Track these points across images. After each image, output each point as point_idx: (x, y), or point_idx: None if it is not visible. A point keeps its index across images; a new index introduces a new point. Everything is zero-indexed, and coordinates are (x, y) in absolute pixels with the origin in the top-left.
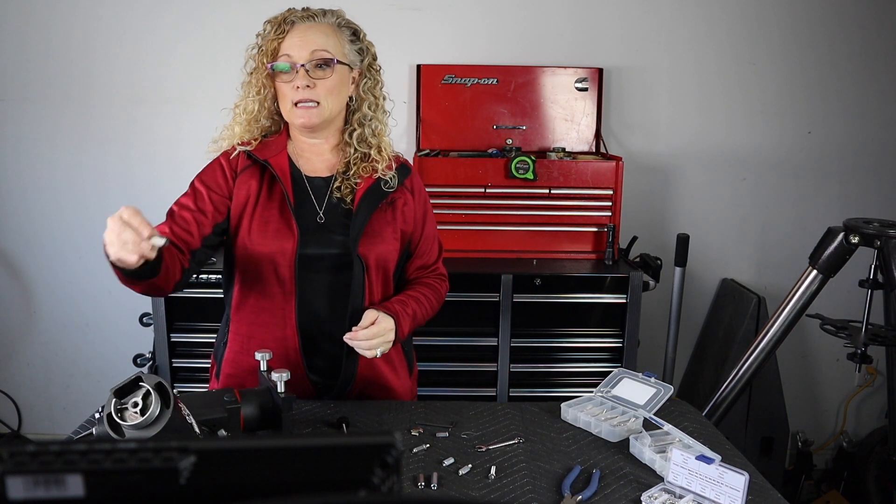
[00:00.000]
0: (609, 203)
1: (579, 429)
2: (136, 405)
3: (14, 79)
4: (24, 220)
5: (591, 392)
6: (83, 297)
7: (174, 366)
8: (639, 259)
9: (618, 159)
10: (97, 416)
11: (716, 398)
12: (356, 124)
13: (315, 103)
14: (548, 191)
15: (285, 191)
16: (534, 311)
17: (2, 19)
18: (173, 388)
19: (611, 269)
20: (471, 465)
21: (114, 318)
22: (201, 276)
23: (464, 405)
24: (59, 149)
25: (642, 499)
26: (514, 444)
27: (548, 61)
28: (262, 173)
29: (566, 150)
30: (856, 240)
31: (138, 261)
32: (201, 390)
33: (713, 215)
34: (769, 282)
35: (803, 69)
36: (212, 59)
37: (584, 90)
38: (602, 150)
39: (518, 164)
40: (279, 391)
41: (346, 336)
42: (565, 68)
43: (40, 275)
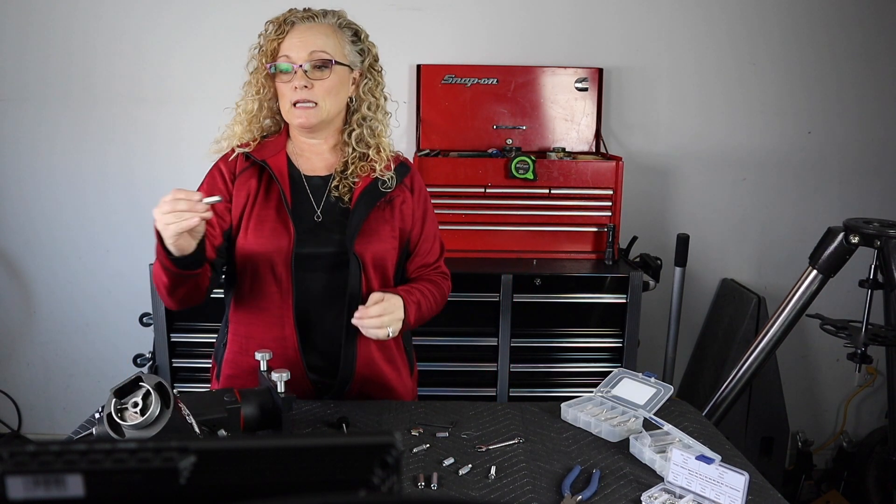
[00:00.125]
0: (609, 203)
1: (579, 429)
2: (136, 405)
3: (14, 79)
4: (24, 220)
5: (591, 392)
6: (83, 297)
7: (174, 366)
8: (639, 259)
9: (618, 159)
10: (97, 416)
11: (716, 398)
12: (355, 124)
13: (313, 104)
14: (548, 191)
15: (282, 190)
16: (534, 311)
17: (2, 19)
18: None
19: (611, 269)
20: (471, 465)
21: (114, 318)
22: None
23: (464, 405)
24: (59, 149)
25: (642, 499)
26: (514, 444)
27: (548, 61)
28: (260, 173)
29: (566, 150)
30: (856, 240)
31: (195, 234)
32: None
33: (713, 215)
34: (769, 282)
35: (803, 69)
36: (212, 59)
37: (584, 90)
38: (602, 150)
39: (518, 164)
40: (279, 391)
41: (355, 317)
42: (565, 68)
43: (40, 275)
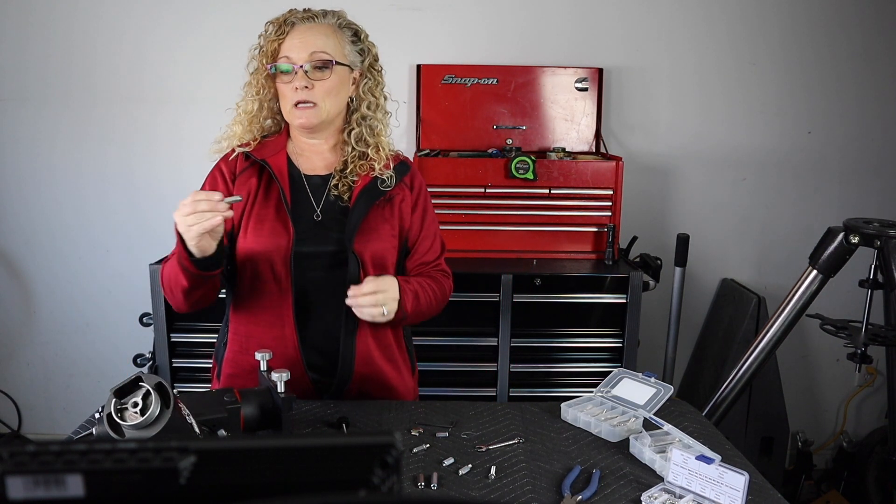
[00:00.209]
0: (609, 203)
1: (579, 429)
2: (136, 405)
3: (14, 79)
4: (24, 220)
5: (591, 392)
6: (83, 297)
7: (174, 366)
8: (639, 259)
9: (618, 159)
10: (97, 416)
11: (716, 398)
12: (355, 124)
13: (313, 104)
14: (548, 191)
15: (281, 189)
16: (534, 311)
17: (2, 19)
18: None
19: (611, 269)
20: (471, 465)
21: (114, 318)
22: None
23: (464, 405)
24: (59, 149)
25: (642, 499)
26: (514, 444)
27: (548, 61)
28: (260, 173)
29: (566, 150)
30: (856, 240)
31: (215, 235)
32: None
33: (713, 215)
34: (769, 282)
35: (803, 69)
36: (213, 59)
37: (584, 90)
38: (602, 150)
39: (518, 164)
40: (279, 391)
41: (349, 297)
42: (565, 68)
43: (40, 275)
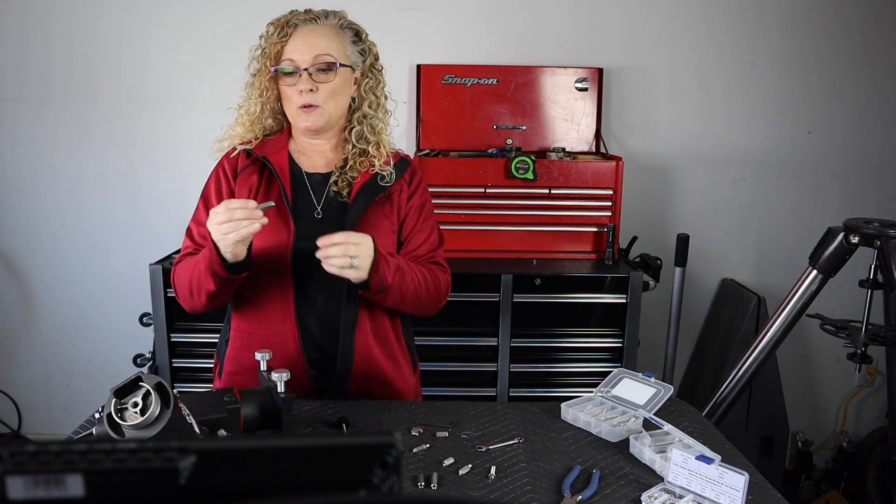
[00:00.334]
0: (609, 203)
1: (579, 429)
2: (136, 405)
3: (14, 78)
4: (24, 220)
5: (591, 392)
6: (83, 297)
7: (174, 366)
8: (639, 259)
9: (618, 159)
10: (97, 416)
11: (716, 398)
12: (356, 122)
13: (318, 106)
14: (548, 191)
15: (283, 187)
16: (534, 311)
17: (2, 19)
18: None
19: (611, 269)
20: (471, 465)
21: (114, 318)
22: None
23: (464, 405)
24: (59, 149)
25: (642, 499)
26: (514, 444)
27: (548, 61)
28: (261, 170)
29: (566, 150)
30: (856, 240)
31: (246, 240)
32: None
33: (713, 215)
34: (769, 282)
35: (803, 69)
36: (213, 60)
37: (584, 90)
38: (602, 150)
39: (518, 164)
40: (279, 391)
41: (319, 248)
42: (565, 68)
43: (40, 275)
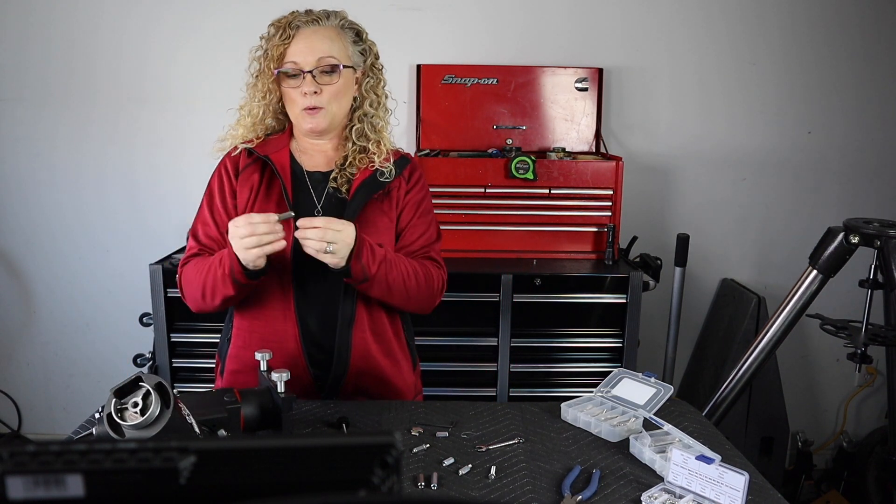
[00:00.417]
0: (609, 203)
1: (579, 429)
2: (136, 405)
3: (14, 79)
4: (24, 220)
5: (591, 392)
6: (83, 297)
7: (174, 366)
8: (639, 259)
9: (618, 159)
10: (97, 416)
11: (716, 398)
12: (357, 121)
13: (322, 108)
14: (548, 191)
15: (283, 185)
16: (534, 311)
17: (2, 19)
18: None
19: (611, 269)
20: (471, 465)
21: (114, 318)
22: None
23: (464, 405)
24: (59, 149)
25: (642, 499)
26: (514, 444)
27: (548, 61)
28: (262, 169)
29: (566, 150)
30: (856, 240)
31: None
32: (201, 390)
33: (713, 215)
34: (769, 282)
35: (803, 69)
36: (214, 60)
37: (584, 90)
38: (602, 150)
39: (518, 164)
40: (279, 391)
41: (297, 229)
42: (565, 68)
43: (40, 275)
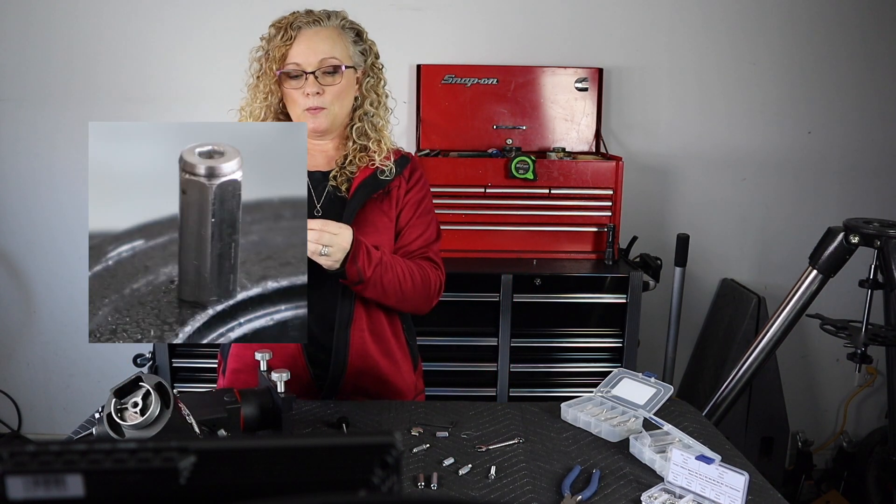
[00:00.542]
0: (609, 203)
1: (579, 429)
2: (136, 405)
3: (14, 79)
4: (24, 220)
5: (591, 392)
6: (83, 297)
7: (174, 366)
8: (639, 259)
9: (618, 159)
10: (97, 416)
11: (716, 398)
12: (357, 120)
13: (324, 109)
14: (548, 191)
15: None
16: (534, 311)
17: (2, 19)
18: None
19: (611, 269)
20: (471, 465)
21: None
22: None
23: (464, 405)
24: (59, 149)
25: (642, 499)
26: (514, 444)
27: (548, 61)
28: None
29: (566, 150)
30: (856, 240)
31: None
32: (201, 390)
33: (713, 215)
34: (769, 282)
35: (803, 69)
36: (214, 60)
37: (584, 90)
38: (602, 150)
39: (518, 164)
40: (279, 391)
41: None
42: (565, 68)
43: (40, 275)
